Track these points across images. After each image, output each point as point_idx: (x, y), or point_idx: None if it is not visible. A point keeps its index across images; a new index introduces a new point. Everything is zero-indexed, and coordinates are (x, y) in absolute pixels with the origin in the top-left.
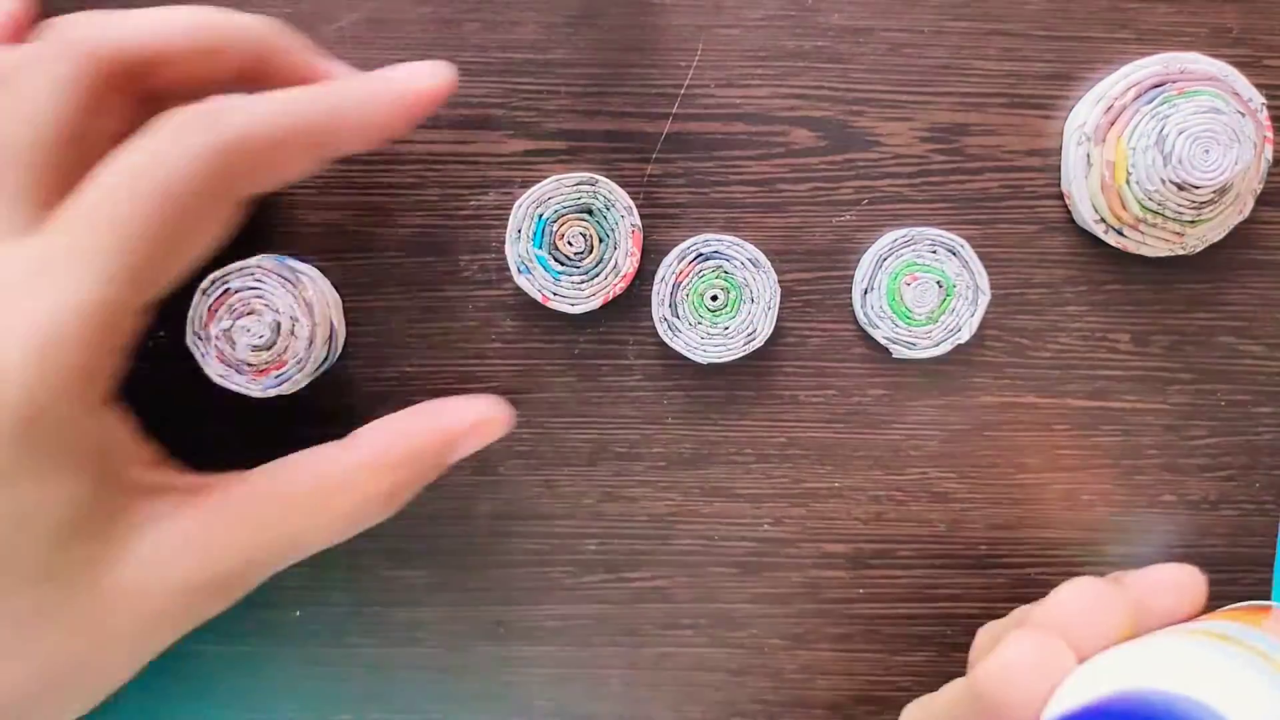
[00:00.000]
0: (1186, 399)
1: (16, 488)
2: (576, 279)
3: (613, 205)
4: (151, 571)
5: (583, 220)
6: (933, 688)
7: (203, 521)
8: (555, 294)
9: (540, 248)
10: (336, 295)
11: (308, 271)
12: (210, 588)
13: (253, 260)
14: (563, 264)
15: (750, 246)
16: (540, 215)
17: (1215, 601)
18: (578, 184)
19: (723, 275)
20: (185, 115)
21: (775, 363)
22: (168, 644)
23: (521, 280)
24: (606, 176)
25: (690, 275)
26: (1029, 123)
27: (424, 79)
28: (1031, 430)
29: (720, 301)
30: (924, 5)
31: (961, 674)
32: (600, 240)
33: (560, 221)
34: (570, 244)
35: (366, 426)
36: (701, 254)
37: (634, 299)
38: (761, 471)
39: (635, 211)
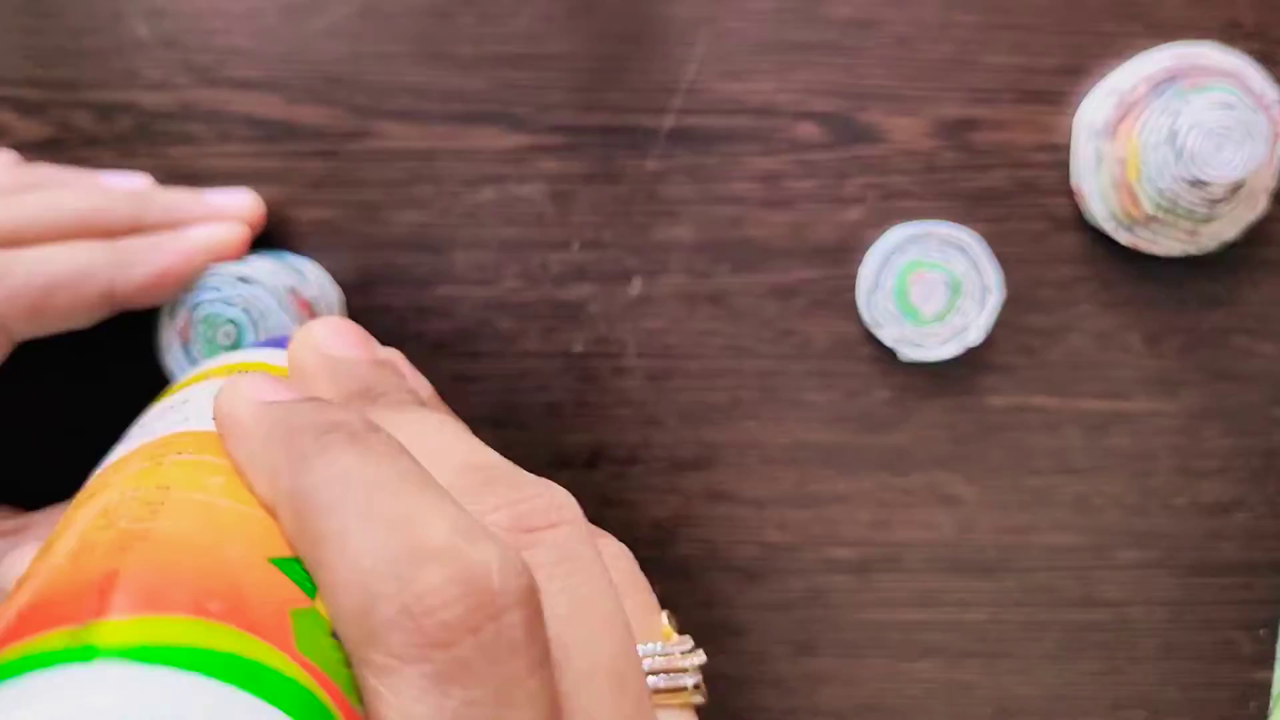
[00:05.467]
0: (1200, 400)
1: None
2: None
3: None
4: None
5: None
6: (941, 697)
7: None
8: None
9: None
10: (341, 292)
11: (309, 269)
12: None
13: (251, 258)
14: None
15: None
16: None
17: (1223, 607)
18: (218, 283)
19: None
20: None
21: (779, 363)
22: None
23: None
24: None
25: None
26: (1038, 117)
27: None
28: (1041, 432)
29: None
30: None
31: (970, 683)
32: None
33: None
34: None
35: (41, 512)
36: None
37: (632, 298)
38: (765, 475)
39: (285, 286)
